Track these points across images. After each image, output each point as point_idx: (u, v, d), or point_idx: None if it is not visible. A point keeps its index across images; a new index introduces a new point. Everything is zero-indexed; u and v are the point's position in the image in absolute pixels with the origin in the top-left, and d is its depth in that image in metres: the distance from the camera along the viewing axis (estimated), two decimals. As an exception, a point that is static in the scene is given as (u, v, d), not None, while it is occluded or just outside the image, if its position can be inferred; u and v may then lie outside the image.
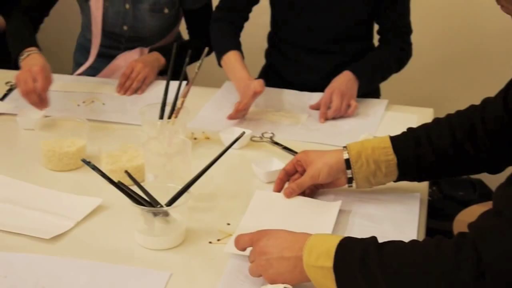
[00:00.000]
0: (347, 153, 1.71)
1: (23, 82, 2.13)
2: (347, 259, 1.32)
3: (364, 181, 1.71)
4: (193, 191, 1.65)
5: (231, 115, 2.21)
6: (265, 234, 1.45)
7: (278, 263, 1.39)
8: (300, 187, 1.74)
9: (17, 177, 1.87)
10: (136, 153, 1.89)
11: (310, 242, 1.38)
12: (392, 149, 1.69)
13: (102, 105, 2.37)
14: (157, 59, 2.57)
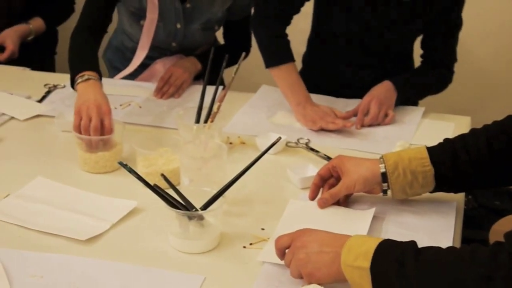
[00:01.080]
0: (384, 165, 1.69)
1: (86, 116, 1.98)
2: (385, 262, 1.32)
3: (400, 191, 1.70)
4: (228, 196, 1.65)
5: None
6: (306, 232, 1.47)
7: (317, 257, 1.41)
8: (334, 198, 1.73)
9: (54, 179, 1.89)
10: (172, 156, 1.90)
11: (349, 242, 1.39)
12: (429, 160, 1.68)
13: (139, 108, 2.39)
14: (194, 64, 2.58)
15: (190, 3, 2.56)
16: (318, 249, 1.41)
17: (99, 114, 1.98)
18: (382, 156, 1.72)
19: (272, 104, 2.41)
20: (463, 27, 2.42)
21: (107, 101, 2.04)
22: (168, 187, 1.60)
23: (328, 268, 1.40)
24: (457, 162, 1.67)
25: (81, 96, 2.06)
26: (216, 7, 2.59)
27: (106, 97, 2.06)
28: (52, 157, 2.05)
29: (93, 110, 1.98)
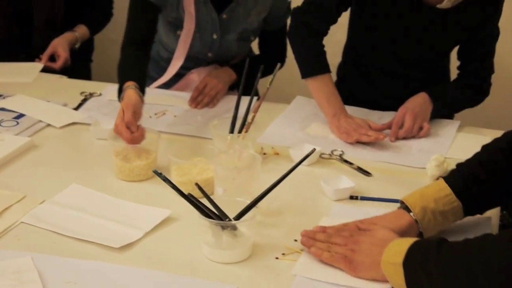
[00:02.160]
0: (412, 214, 1.64)
1: (119, 116, 2.05)
2: (413, 256, 1.43)
3: (433, 231, 1.67)
4: (261, 206, 1.66)
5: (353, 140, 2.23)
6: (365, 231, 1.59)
7: (367, 252, 1.52)
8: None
9: (88, 186, 1.91)
10: (206, 166, 1.91)
11: (392, 243, 1.49)
12: (455, 196, 1.66)
13: (173, 117, 2.40)
14: (229, 75, 2.59)
15: (227, 14, 2.57)
16: (370, 243, 1.53)
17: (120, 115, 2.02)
18: (404, 201, 1.68)
19: (307, 115, 2.41)
20: (500, 37, 2.40)
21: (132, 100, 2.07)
22: (202, 197, 1.61)
23: (371, 264, 1.50)
24: (480, 184, 1.66)
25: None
26: (252, 17, 2.60)
27: (136, 98, 2.09)
28: (87, 165, 2.06)
29: (125, 109, 2.03)
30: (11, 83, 2.66)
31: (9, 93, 2.54)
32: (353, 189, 1.89)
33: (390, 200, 1.83)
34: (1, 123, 2.29)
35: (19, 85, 2.64)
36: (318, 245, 1.59)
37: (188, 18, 2.54)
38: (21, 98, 2.50)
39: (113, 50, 2.80)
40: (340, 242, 1.58)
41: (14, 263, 1.55)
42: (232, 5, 2.55)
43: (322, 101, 2.32)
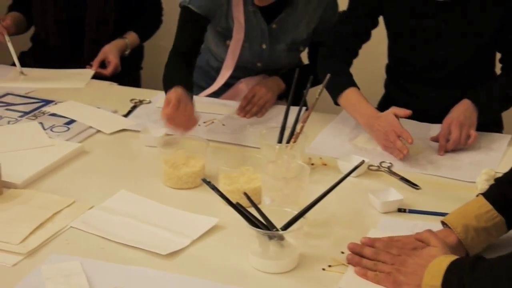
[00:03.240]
0: (456, 236, 1.62)
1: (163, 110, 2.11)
2: (450, 277, 1.42)
3: (478, 248, 1.65)
4: (309, 217, 1.65)
5: (386, 148, 2.20)
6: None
7: (412, 274, 1.51)
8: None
9: (137, 193, 1.93)
10: (253, 175, 1.91)
11: (433, 262, 1.48)
12: (496, 211, 1.64)
13: (222, 126, 2.41)
14: (278, 84, 2.59)
15: (276, 24, 2.57)
16: (417, 264, 1.51)
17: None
18: (446, 221, 1.66)
19: (355, 126, 2.39)
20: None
21: (177, 93, 2.13)
22: (250, 206, 1.61)
23: (414, 286, 1.49)
24: None
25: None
26: (302, 28, 2.60)
27: (181, 91, 2.15)
28: (136, 171, 2.08)
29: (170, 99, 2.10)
30: (63, 89, 2.69)
31: (61, 99, 2.57)
32: (401, 202, 1.87)
33: (439, 213, 1.81)
34: (52, 128, 2.32)
35: (71, 91, 2.67)
36: (363, 263, 1.58)
37: (237, 28, 2.55)
38: (72, 104, 2.53)
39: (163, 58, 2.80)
40: (387, 261, 1.56)
41: (64, 267, 1.57)
42: (282, 16, 2.56)
43: (354, 115, 2.33)
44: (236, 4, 2.52)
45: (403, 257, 1.56)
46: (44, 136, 2.26)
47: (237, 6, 2.52)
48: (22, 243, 1.66)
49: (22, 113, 2.45)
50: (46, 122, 2.36)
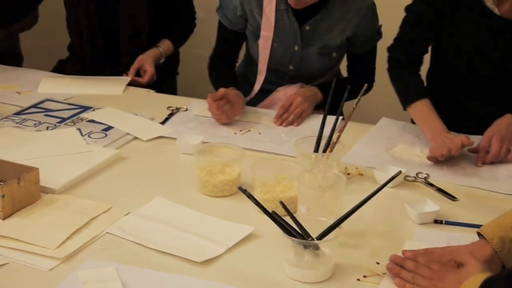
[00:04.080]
0: (492, 247, 1.60)
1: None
2: None
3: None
4: (344, 227, 1.64)
5: (431, 156, 2.19)
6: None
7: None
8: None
9: (173, 200, 1.93)
10: (289, 184, 1.91)
11: (468, 279, 1.45)
12: None
13: (258, 134, 2.41)
14: (315, 94, 2.59)
15: (310, 26, 2.57)
16: (455, 280, 1.50)
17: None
18: (481, 232, 1.63)
19: (392, 136, 2.38)
20: None
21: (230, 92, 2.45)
22: (285, 215, 1.61)
23: None
24: None
25: None
26: (335, 33, 2.60)
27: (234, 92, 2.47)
28: (171, 178, 2.09)
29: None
30: (101, 96, 2.72)
31: (99, 105, 2.60)
32: (438, 213, 1.86)
33: (476, 225, 1.79)
34: (90, 134, 2.34)
35: (108, 98, 2.70)
36: (403, 274, 1.57)
37: (266, 25, 2.57)
38: (110, 111, 2.55)
39: (199, 65, 2.84)
40: (426, 276, 1.55)
41: (99, 273, 1.58)
42: (316, 18, 2.56)
43: (421, 127, 2.32)
44: (268, 2, 2.55)
45: (442, 272, 1.54)
46: (82, 142, 2.28)
47: (269, 4, 2.55)
48: (58, 248, 1.68)
49: (60, 119, 2.48)
50: (84, 129, 2.39)
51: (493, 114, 2.35)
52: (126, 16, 3.01)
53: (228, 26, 2.70)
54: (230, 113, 2.45)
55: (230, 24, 2.70)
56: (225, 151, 2.08)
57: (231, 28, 2.71)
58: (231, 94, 2.47)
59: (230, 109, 2.45)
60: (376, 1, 2.63)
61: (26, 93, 2.75)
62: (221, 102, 2.43)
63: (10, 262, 1.64)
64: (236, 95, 2.49)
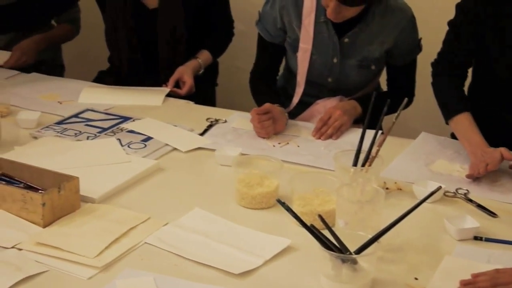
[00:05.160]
0: None
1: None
2: None
3: None
4: (382, 241, 1.63)
5: (470, 175, 2.17)
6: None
7: None
8: None
9: (211, 211, 1.94)
10: (328, 197, 1.90)
11: None
12: None
13: (297, 147, 2.41)
14: (354, 108, 2.58)
15: (349, 38, 2.57)
16: None
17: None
18: None
19: (431, 151, 2.37)
20: None
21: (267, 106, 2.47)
22: (323, 228, 1.60)
23: None
24: None
25: None
26: (374, 45, 2.59)
27: (272, 106, 2.49)
28: (210, 190, 2.10)
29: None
30: (140, 106, 2.73)
31: (138, 116, 2.61)
32: (478, 230, 1.84)
33: (517, 243, 1.78)
34: (130, 145, 2.36)
35: (148, 109, 2.71)
36: None
37: (304, 37, 2.57)
38: (150, 121, 2.57)
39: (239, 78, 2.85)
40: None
41: (137, 282, 1.60)
42: (355, 30, 2.56)
43: (461, 141, 2.31)
44: (307, 14, 2.55)
45: None
46: (122, 153, 2.29)
47: (308, 16, 2.55)
48: (97, 257, 1.69)
49: (101, 129, 2.50)
50: (123, 139, 2.40)
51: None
52: (164, 28, 3.03)
53: (267, 39, 2.71)
54: (271, 129, 2.46)
55: (269, 37, 2.71)
56: (264, 163, 2.08)
57: (270, 41, 2.71)
58: (276, 111, 2.48)
59: (272, 125, 2.46)
60: (418, 15, 2.62)
61: (68, 102, 2.78)
62: (264, 116, 2.44)
63: (50, 270, 1.66)
64: (281, 113, 2.51)
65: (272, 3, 2.65)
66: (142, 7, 3.03)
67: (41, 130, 2.47)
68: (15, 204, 1.86)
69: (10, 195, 1.86)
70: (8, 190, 1.88)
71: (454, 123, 2.35)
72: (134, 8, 3.01)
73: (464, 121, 2.33)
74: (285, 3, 2.60)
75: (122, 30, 3.04)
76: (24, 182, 1.98)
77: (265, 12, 2.69)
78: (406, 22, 2.58)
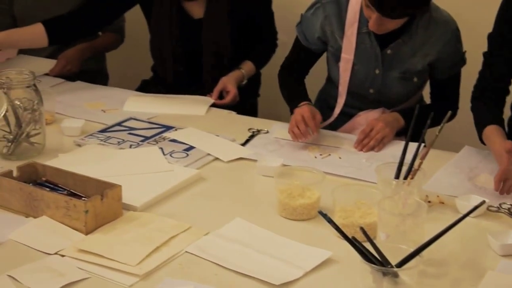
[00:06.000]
0: None
1: (295, 120, 2.48)
2: None
3: None
4: (424, 255, 1.62)
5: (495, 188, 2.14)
6: None
7: None
8: None
9: (252, 221, 1.94)
10: (369, 210, 1.89)
11: None
12: None
13: (338, 159, 2.40)
14: (397, 120, 2.56)
15: (391, 50, 2.56)
16: None
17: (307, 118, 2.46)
18: None
19: (475, 165, 2.34)
20: None
21: (310, 110, 2.49)
22: (364, 240, 1.59)
23: None
24: None
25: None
26: (417, 58, 2.57)
27: (313, 109, 2.52)
28: (251, 200, 2.10)
29: (305, 115, 2.47)
30: (183, 116, 2.75)
31: (181, 125, 2.63)
32: (522, 245, 1.82)
33: (562, 260, 1.75)
34: (172, 154, 2.37)
35: (190, 118, 2.73)
36: None
37: (347, 47, 2.57)
38: (192, 131, 2.58)
39: (280, 88, 2.83)
40: None
41: (177, 291, 1.60)
42: (398, 42, 2.54)
43: (492, 153, 2.27)
44: (350, 24, 2.55)
45: None
46: (164, 161, 2.31)
47: (351, 27, 2.55)
48: (139, 265, 1.71)
49: (143, 138, 2.52)
50: (166, 148, 2.42)
51: None
52: (209, 40, 3.04)
53: (303, 43, 2.73)
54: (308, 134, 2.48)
55: (306, 42, 2.72)
56: (305, 174, 2.08)
57: (306, 46, 2.73)
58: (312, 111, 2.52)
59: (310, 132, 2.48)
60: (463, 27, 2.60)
61: (111, 111, 2.81)
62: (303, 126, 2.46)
63: (92, 277, 1.68)
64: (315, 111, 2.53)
65: (315, 10, 2.65)
66: (187, 17, 3.05)
67: (85, 138, 2.50)
68: (58, 210, 1.88)
69: (54, 201, 1.88)
70: (52, 196, 1.90)
71: (484, 136, 2.32)
72: (180, 18, 3.03)
73: (492, 131, 2.29)
74: (328, 13, 2.60)
75: (167, 40, 3.05)
76: (67, 189, 2.00)
77: (306, 17, 2.69)
78: (450, 34, 2.56)
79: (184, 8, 3.04)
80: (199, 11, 3.03)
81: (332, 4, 2.60)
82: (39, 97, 2.31)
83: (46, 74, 3.17)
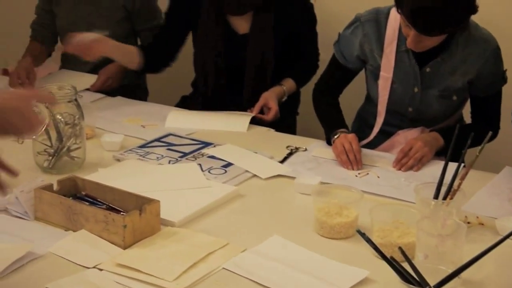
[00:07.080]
0: None
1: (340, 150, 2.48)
2: None
3: None
4: (463, 277, 1.60)
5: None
6: None
7: None
8: None
9: (289, 239, 1.94)
10: (407, 230, 1.88)
11: None
12: None
13: (376, 178, 2.39)
14: (436, 139, 2.54)
15: (430, 68, 2.55)
16: None
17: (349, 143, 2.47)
18: None
19: (516, 186, 2.32)
20: None
21: (351, 138, 2.49)
22: (403, 260, 1.59)
23: None
24: None
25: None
26: (457, 76, 2.56)
27: (353, 136, 2.50)
28: (288, 217, 2.10)
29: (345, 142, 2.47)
30: (222, 132, 2.76)
31: (219, 141, 2.64)
32: None
33: None
34: (210, 170, 2.38)
35: (229, 135, 2.74)
36: None
37: (386, 66, 2.56)
38: (230, 147, 2.59)
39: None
40: None
41: (214, 308, 1.60)
42: (437, 60, 2.53)
43: None
44: (389, 43, 2.54)
45: None
46: (202, 178, 2.32)
47: (390, 45, 2.54)
48: (176, 280, 1.71)
49: (182, 154, 2.53)
50: (204, 164, 2.43)
51: None
52: (254, 54, 3.05)
53: (341, 62, 2.72)
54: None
55: (343, 61, 2.72)
56: (343, 193, 2.07)
57: (343, 64, 2.73)
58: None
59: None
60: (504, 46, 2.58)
61: (151, 126, 2.83)
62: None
63: (129, 291, 1.69)
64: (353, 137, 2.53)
65: (354, 29, 2.65)
66: (232, 32, 3.07)
67: (124, 153, 2.52)
68: (97, 224, 1.89)
69: (93, 215, 1.90)
70: (91, 210, 1.92)
71: None
72: (224, 33, 3.06)
73: None
74: (367, 31, 2.60)
75: (211, 54, 3.08)
76: (106, 204, 2.02)
77: (344, 36, 2.69)
78: (490, 53, 2.54)
79: (229, 23, 3.06)
80: (245, 26, 3.05)
81: (371, 22, 2.60)
82: (80, 112, 2.33)
83: (87, 89, 3.21)
